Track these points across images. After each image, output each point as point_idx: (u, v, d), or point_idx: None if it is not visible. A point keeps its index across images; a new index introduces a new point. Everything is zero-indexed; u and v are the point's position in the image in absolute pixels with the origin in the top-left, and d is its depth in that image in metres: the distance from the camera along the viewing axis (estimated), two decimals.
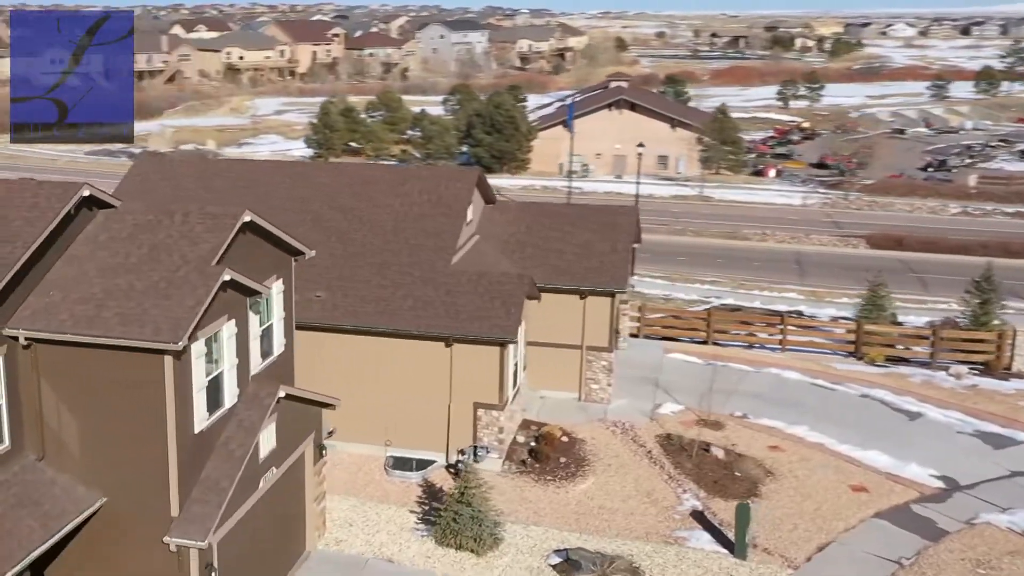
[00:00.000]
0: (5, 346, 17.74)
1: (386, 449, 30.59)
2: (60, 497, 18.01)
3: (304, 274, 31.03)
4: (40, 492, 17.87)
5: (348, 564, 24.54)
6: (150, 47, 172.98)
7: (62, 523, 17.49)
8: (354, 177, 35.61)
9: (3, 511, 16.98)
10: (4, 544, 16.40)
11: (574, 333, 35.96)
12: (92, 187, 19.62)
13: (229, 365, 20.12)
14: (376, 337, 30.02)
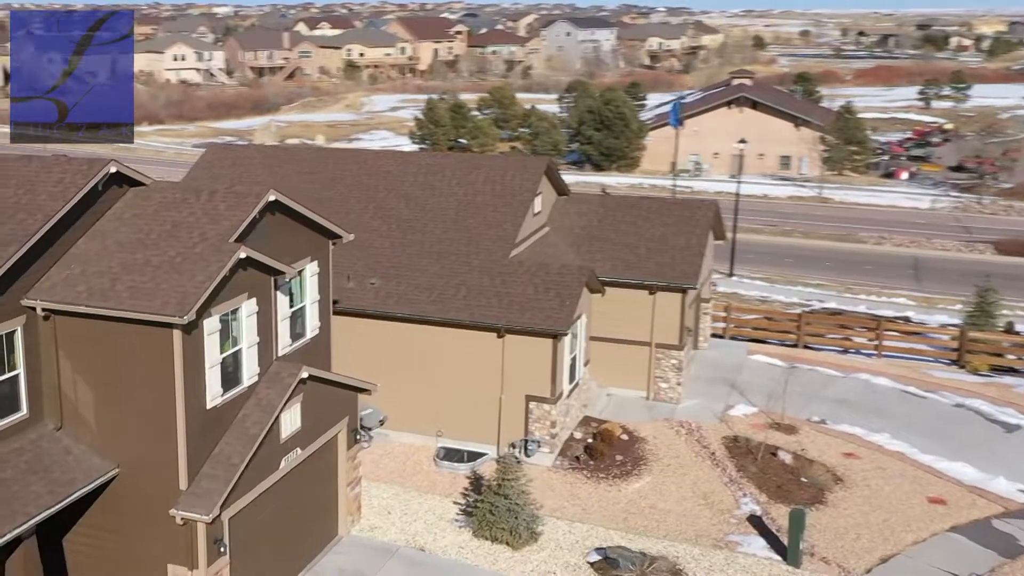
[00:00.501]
0: (24, 316, 18.84)
1: (437, 440, 31.07)
2: (72, 466, 19.01)
3: (361, 261, 31.88)
4: (52, 460, 18.90)
5: (378, 550, 25.05)
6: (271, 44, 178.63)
7: (70, 490, 18.45)
8: (420, 166, 36.24)
9: (13, 475, 18.04)
10: (7, 506, 17.41)
11: (643, 329, 35.81)
12: (119, 164, 20.65)
13: (249, 344, 20.84)
14: (429, 326, 30.51)
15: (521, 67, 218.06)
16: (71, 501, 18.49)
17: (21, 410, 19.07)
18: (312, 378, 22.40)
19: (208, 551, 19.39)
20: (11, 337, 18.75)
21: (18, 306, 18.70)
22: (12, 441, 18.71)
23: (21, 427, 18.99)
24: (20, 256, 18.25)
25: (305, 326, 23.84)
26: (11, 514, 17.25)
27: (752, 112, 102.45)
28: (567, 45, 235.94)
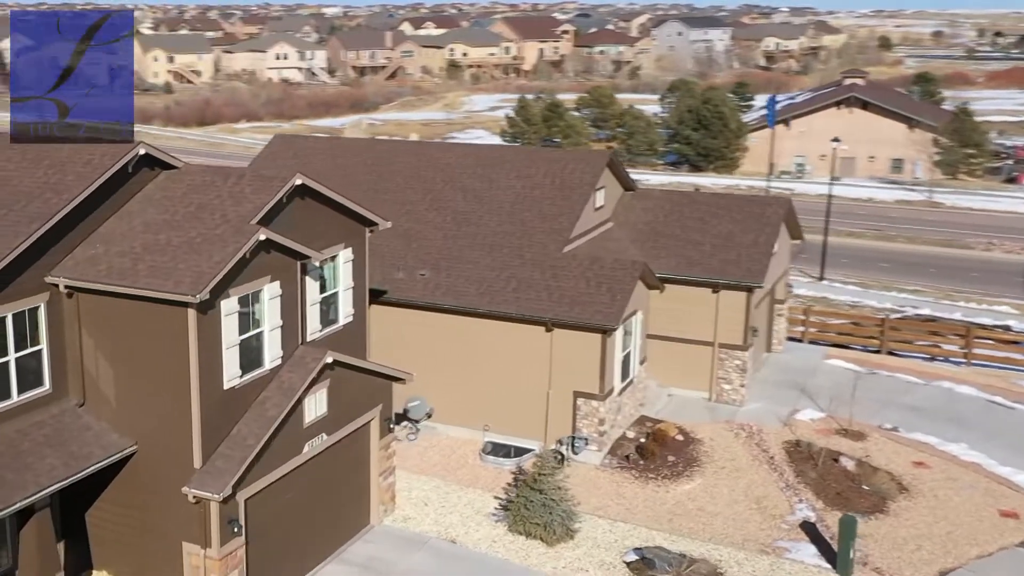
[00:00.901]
0: (48, 293, 19.75)
1: (484, 434, 31.32)
2: (90, 441, 19.83)
3: (413, 253, 32.38)
4: (71, 434, 19.75)
5: (408, 540, 25.41)
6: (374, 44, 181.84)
7: (84, 464, 19.25)
8: (480, 158, 36.60)
9: (30, 448, 18.92)
10: (20, 476, 18.26)
11: (706, 329, 35.49)
12: (148, 147, 21.47)
13: (271, 326, 21.42)
14: (477, 318, 30.80)
15: (629, 67, 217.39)
16: (84, 475, 19.27)
17: (44, 385, 19.98)
18: (338, 364, 22.87)
19: (221, 531, 19.98)
20: (35, 313, 19.67)
21: (42, 283, 19.61)
22: (34, 415, 19.61)
23: (44, 402, 19.90)
24: (43, 234, 19.13)
25: (338, 313, 24.36)
26: (23, 484, 18.09)
27: (862, 113, 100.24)
28: (678, 45, 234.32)
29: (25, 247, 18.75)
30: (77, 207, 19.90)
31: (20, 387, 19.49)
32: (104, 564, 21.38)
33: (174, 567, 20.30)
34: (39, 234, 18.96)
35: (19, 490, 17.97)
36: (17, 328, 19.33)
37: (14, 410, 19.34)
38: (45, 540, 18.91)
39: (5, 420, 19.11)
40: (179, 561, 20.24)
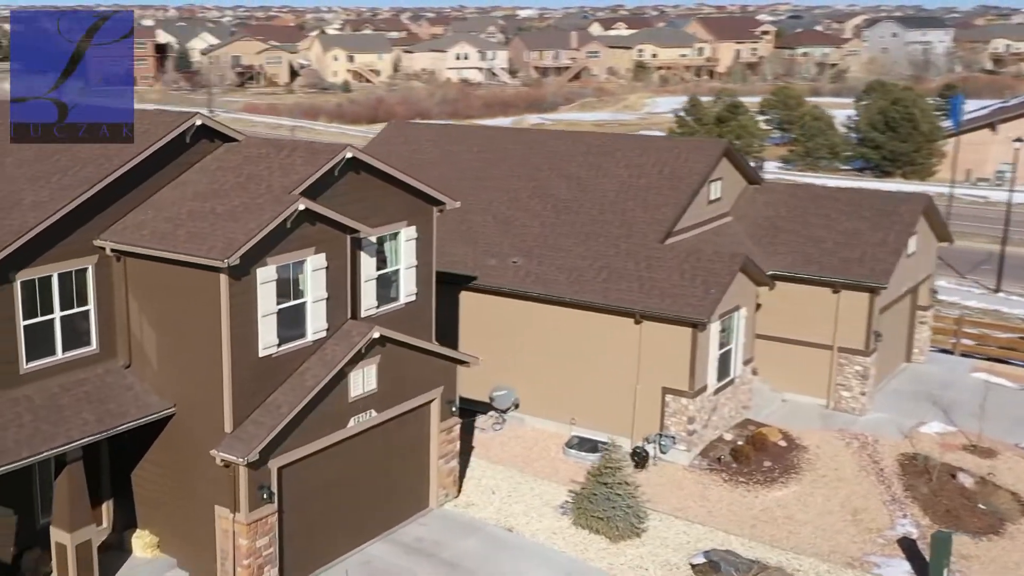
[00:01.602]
0: (97, 256, 21.23)
1: (571, 428, 31.46)
2: (129, 401, 21.18)
3: (509, 240, 32.91)
4: (111, 394, 21.15)
5: (464, 526, 25.85)
6: (558, 44, 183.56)
7: (119, 422, 20.60)
8: (590, 146, 36.76)
9: (68, 403, 20.39)
10: (54, 428, 19.73)
11: (824, 331, 34.52)
12: (205, 118, 22.78)
13: (314, 298, 22.30)
14: (566, 308, 30.99)
15: (834, 70, 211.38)
16: (115, 432, 20.63)
17: (91, 345, 21.48)
18: (389, 340, 23.54)
19: (250, 496, 20.95)
20: (83, 275, 21.18)
21: (91, 246, 21.12)
22: (79, 373, 21.13)
23: (90, 361, 21.40)
24: (90, 198, 20.62)
25: (399, 291, 25.09)
26: (54, 436, 19.56)
27: None
28: (892, 46, 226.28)
29: (68, 211, 20.25)
30: (127, 174, 21.31)
31: (66, 345, 21.03)
32: (147, 523, 22.76)
33: (207, 529, 21.41)
34: (83, 198, 20.44)
35: (48, 441, 19.43)
36: (65, 288, 20.88)
37: (59, 366, 20.89)
38: (76, 492, 20.32)
39: (50, 376, 20.67)
40: (212, 524, 21.33)
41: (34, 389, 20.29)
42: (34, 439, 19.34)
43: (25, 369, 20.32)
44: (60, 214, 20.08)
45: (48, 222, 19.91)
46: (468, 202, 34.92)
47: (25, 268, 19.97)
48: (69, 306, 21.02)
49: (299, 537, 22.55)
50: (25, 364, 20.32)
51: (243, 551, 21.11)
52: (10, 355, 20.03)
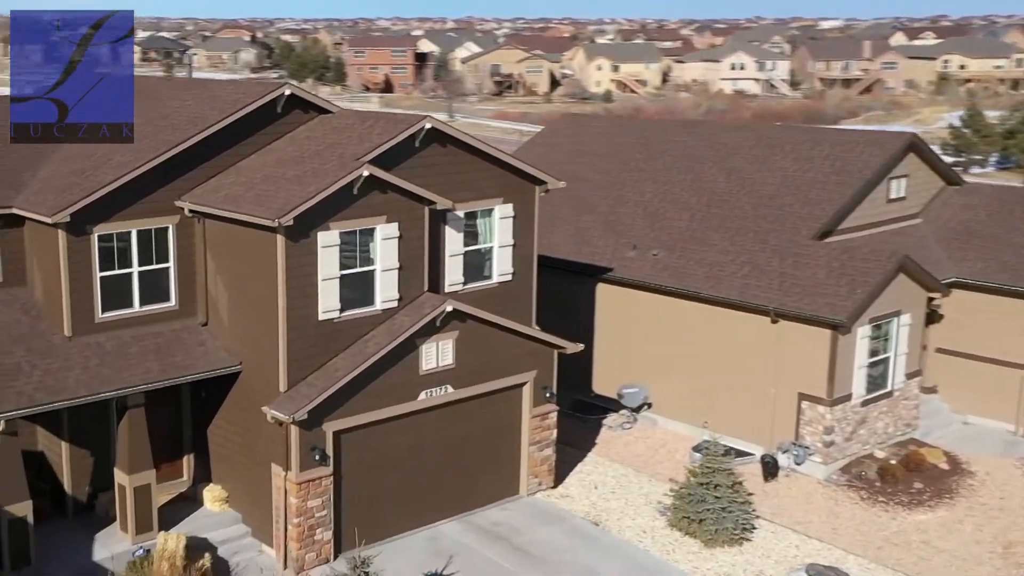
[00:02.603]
0: (178, 216, 23.11)
1: (703, 432, 30.91)
2: (197, 356, 22.85)
3: (655, 232, 32.91)
4: (181, 347, 22.89)
5: (548, 515, 26.01)
6: (848, 54, 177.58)
7: (180, 373, 22.31)
8: (759, 139, 35.96)
9: (136, 352, 22.24)
10: (115, 374, 21.61)
11: (1016, 348, 32.24)
12: (296, 89, 24.30)
13: (384, 267, 23.24)
14: (700, 304, 30.56)
15: None
16: (171, 383, 22.39)
17: (170, 301, 23.35)
18: (468, 316, 24.16)
19: (302, 455, 22.12)
20: (164, 233, 23.10)
21: (172, 206, 23.02)
22: (156, 327, 23.03)
23: (168, 316, 23.27)
24: (170, 160, 22.52)
25: (492, 269, 25.67)
26: (111, 380, 21.51)
27: None
28: None
29: (144, 170, 22.18)
30: (211, 140, 23.08)
31: (144, 299, 22.98)
32: (219, 479, 24.40)
33: (267, 487, 22.77)
34: (159, 160, 22.32)
35: (107, 384, 21.37)
36: (144, 245, 22.86)
37: (136, 318, 22.86)
38: (136, 437, 22.09)
39: (125, 326, 22.66)
40: (270, 481, 22.68)
41: (107, 337, 22.35)
42: (94, 381, 21.33)
43: (100, 318, 22.41)
44: (135, 173, 22.02)
45: (123, 180, 21.90)
46: (621, 194, 35.18)
47: (103, 222, 22.05)
48: (148, 262, 22.98)
49: (360, 506, 23.51)
50: (101, 313, 22.41)
51: (293, 510, 22.30)
52: (86, 303, 22.15)
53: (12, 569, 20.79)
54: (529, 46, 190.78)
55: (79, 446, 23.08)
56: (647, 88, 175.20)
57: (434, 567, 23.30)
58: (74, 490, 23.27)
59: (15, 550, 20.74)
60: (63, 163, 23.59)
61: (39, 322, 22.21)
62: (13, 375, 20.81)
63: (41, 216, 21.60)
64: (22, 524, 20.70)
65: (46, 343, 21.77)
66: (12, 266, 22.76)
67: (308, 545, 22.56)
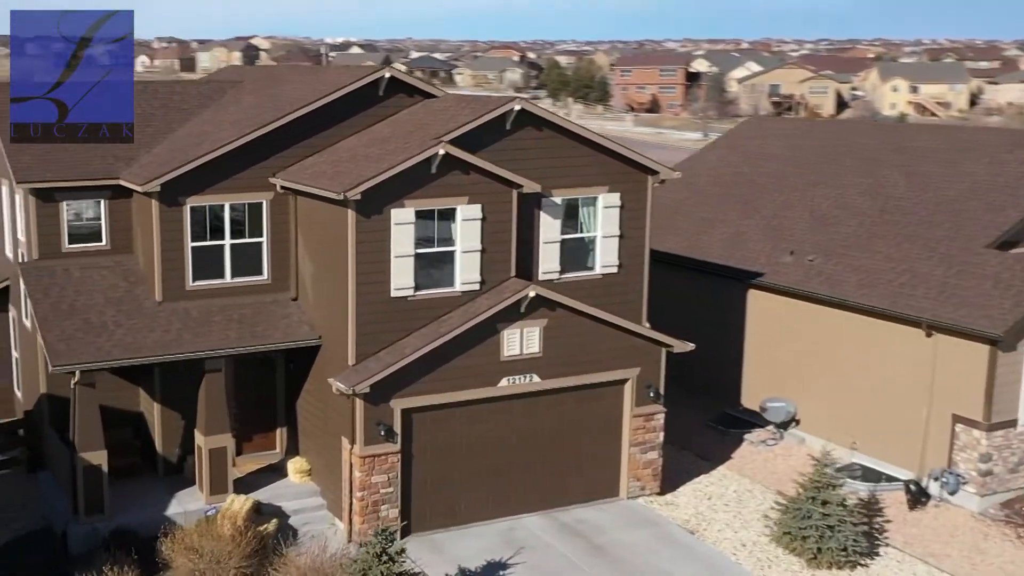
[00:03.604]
0: (272, 193, 24.74)
1: (851, 453, 29.65)
2: (279, 328, 24.31)
3: (817, 237, 32.03)
4: (265, 319, 24.41)
5: (642, 519, 25.72)
6: None
7: (255, 343, 23.89)
8: (953, 141, 34.17)
9: (220, 321, 23.96)
10: (195, 339, 23.44)
11: None
12: (394, 71, 25.50)
13: (464, 248, 23.93)
14: (850, 313, 29.39)
15: None
16: (245, 351, 24.04)
17: (262, 275, 25.05)
18: (557, 304, 24.43)
19: (366, 429, 23.08)
20: (258, 208, 24.81)
21: (267, 182, 24.70)
22: (245, 298, 24.76)
23: (260, 289, 24.96)
24: (263, 137, 24.21)
25: (594, 260, 25.84)
26: (188, 343, 23.33)
27: None
28: None
29: (234, 146, 24.02)
30: (305, 120, 24.69)
31: (235, 271, 24.79)
32: (304, 452, 25.80)
33: (339, 460, 23.92)
34: (249, 137, 24.11)
35: (181, 347, 23.23)
36: (237, 219, 24.69)
37: (226, 289, 24.71)
38: (212, 400, 23.75)
39: (214, 296, 24.53)
40: (341, 454, 23.83)
41: (195, 305, 24.28)
42: (171, 344, 23.27)
43: (191, 286, 24.39)
44: (224, 149, 23.92)
45: (212, 155, 23.83)
46: (789, 199, 34.50)
47: (196, 194, 24.02)
48: (241, 236, 24.79)
49: (432, 488, 24.25)
50: (191, 282, 24.38)
51: (357, 483, 23.32)
52: (177, 271, 24.17)
53: (86, 514, 22.92)
54: (820, 67, 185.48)
55: (171, 409, 25.08)
56: (950, 111, 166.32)
57: (501, 555, 23.69)
58: (164, 450, 25.31)
59: (89, 497, 22.88)
60: (176, 141, 25.84)
61: (136, 287, 24.44)
62: (97, 332, 23.05)
63: (135, 186, 23.84)
64: (97, 472, 22.82)
65: (137, 306, 23.94)
66: (120, 235, 25.18)
67: (372, 520, 23.48)
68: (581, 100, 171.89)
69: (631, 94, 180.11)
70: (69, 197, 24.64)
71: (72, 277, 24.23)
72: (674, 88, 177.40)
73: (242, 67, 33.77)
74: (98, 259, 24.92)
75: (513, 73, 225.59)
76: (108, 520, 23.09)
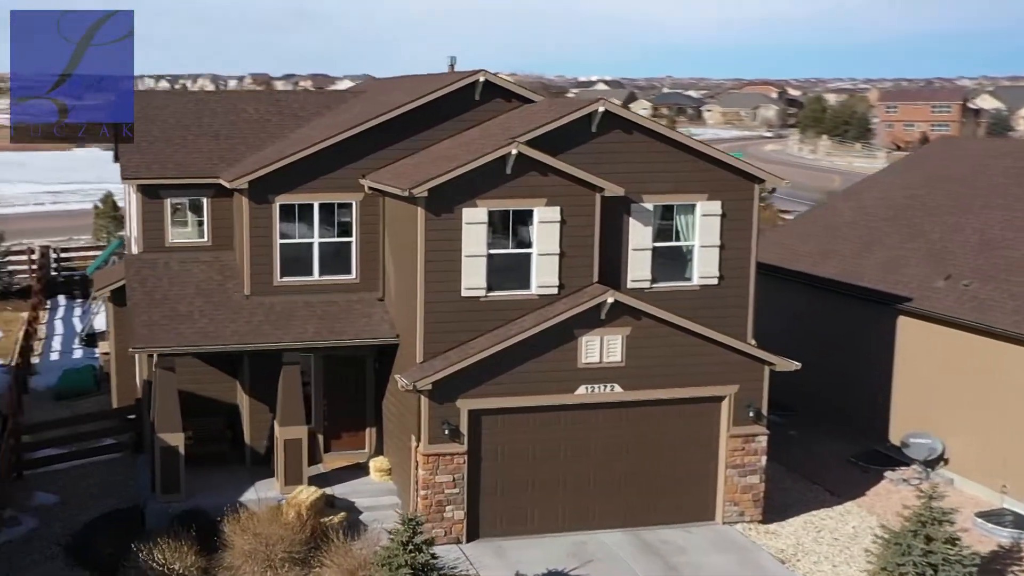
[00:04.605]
0: (362, 194, 26.11)
1: (1002, 498, 28.05)
2: (359, 325, 25.46)
3: (979, 262, 30.75)
4: (346, 316, 25.62)
5: (732, 545, 25.11)
6: None
7: (333, 337, 25.23)
8: None
9: (301, 315, 25.41)
10: (272, 330, 25.00)
11: None
12: (490, 76, 26.35)
13: (542, 251, 24.39)
14: (1000, 342, 27.92)
15: None
16: (316, 346, 25.50)
17: (351, 274, 26.44)
18: (641, 313, 24.56)
19: (431, 427, 23.82)
20: (348, 208, 26.24)
21: (357, 183, 26.10)
22: (333, 296, 26.18)
23: (348, 288, 26.34)
24: (352, 139, 25.70)
25: (691, 270, 25.77)
26: (264, 335, 24.91)
27: None
28: None
29: (321, 148, 25.61)
30: (395, 123, 26.07)
31: (324, 269, 26.29)
32: (386, 451, 26.88)
33: (410, 460, 24.85)
34: (335, 140, 25.71)
35: (257, 338, 24.86)
36: (326, 218, 26.26)
37: (313, 287, 26.26)
38: (289, 392, 25.10)
39: (301, 292, 26.09)
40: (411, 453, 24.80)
41: (281, 300, 25.91)
42: (248, 335, 24.98)
43: (279, 282, 26.06)
44: (313, 149, 25.57)
45: (301, 154, 25.50)
46: (959, 221, 33.35)
47: (285, 193, 25.73)
48: (330, 235, 26.31)
49: (503, 494, 24.69)
50: (279, 278, 26.05)
51: (421, 481, 24.11)
52: (265, 267, 25.91)
53: (163, 493, 24.83)
54: None
55: (260, 402, 26.71)
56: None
57: (564, 566, 23.87)
58: (252, 442, 26.99)
59: (166, 476, 24.80)
60: (283, 144, 27.71)
61: (228, 281, 26.38)
62: (181, 320, 25.08)
63: (225, 182, 25.80)
64: (174, 453, 24.73)
65: (225, 299, 25.84)
66: (221, 232, 27.20)
67: (436, 520, 24.19)
68: (837, 137, 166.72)
69: (896, 131, 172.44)
70: (173, 194, 26.93)
71: (170, 270, 26.44)
72: (947, 125, 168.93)
73: (383, 80, 35.55)
74: (198, 254, 27.09)
75: (767, 110, 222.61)
76: (184, 500, 24.93)
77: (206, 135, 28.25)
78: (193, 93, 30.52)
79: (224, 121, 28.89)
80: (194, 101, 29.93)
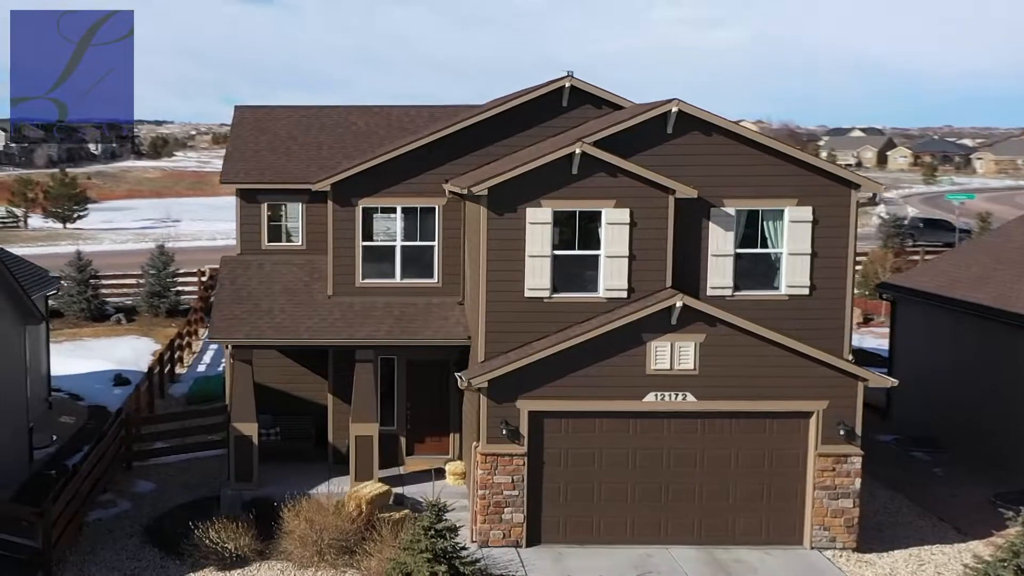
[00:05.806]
0: (445, 199, 27.36)
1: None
2: (434, 327, 26.57)
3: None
4: (422, 318, 26.86)
5: (811, 570, 24.25)
6: None
7: (406, 337, 26.59)
8: None
9: (378, 315, 26.90)
10: (346, 328, 26.53)
11: None
12: (575, 80, 27.16)
13: (610, 253, 24.86)
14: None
15: None
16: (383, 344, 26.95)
17: (433, 278, 27.69)
18: (716, 320, 24.73)
19: (489, 427, 24.57)
20: (431, 213, 27.56)
21: (440, 188, 27.40)
22: (414, 298, 27.58)
23: (430, 291, 27.68)
24: (433, 144, 27.19)
25: (779, 279, 25.68)
26: (337, 332, 26.44)
27: None
28: None
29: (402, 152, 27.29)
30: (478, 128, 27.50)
31: (406, 272, 27.74)
32: (464, 455, 27.83)
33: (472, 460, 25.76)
34: (416, 145, 27.32)
35: (329, 335, 26.39)
36: (409, 222, 27.82)
37: (395, 289, 27.77)
38: (360, 389, 26.34)
39: (382, 294, 27.63)
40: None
41: (361, 300, 27.47)
42: (321, 331, 26.62)
43: (361, 283, 27.65)
44: (394, 154, 27.24)
45: (382, 159, 27.19)
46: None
47: (368, 196, 27.38)
48: (412, 238, 27.74)
49: (566, 500, 25.14)
50: (361, 279, 27.62)
51: (478, 481, 24.90)
52: (348, 268, 27.54)
53: (236, 480, 26.73)
54: None
55: (343, 402, 28.19)
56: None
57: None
58: (335, 440, 28.52)
59: (239, 465, 26.70)
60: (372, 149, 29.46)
61: (315, 282, 28.16)
62: (261, 315, 27.03)
63: (311, 185, 27.69)
64: (248, 442, 26.61)
65: (308, 298, 27.61)
66: (316, 236, 28.95)
67: (494, 522, 24.93)
68: None
69: None
70: (269, 199, 29.03)
71: (262, 270, 28.47)
72: None
73: None
74: (292, 257, 29.03)
75: None
76: (255, 488, 26.70)
77: (311, 145, 30.38)
78: (308, 108, 32.70)
79: (332, 133, 31.00)
80: (308, 115, 32.24)
